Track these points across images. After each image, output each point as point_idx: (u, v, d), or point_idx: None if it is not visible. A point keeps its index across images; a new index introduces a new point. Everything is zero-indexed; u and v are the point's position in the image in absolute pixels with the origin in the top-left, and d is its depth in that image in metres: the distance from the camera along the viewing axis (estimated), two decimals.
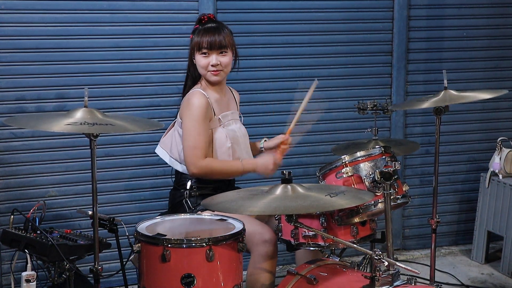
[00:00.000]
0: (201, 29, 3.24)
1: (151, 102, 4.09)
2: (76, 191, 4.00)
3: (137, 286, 2.73)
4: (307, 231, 2.78)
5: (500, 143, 4.38)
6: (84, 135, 2.65)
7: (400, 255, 4.68)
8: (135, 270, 2.75)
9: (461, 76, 4.68)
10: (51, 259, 2.99)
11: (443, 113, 3.30)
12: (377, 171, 2.67)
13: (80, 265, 3.45)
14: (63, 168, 3.97)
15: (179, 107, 3.30)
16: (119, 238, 3.01)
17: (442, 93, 3.31)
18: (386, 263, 2.47)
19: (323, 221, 2.79)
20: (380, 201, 2.77)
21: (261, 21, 4.26)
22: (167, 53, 4.08)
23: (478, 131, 4.81)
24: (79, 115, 2.65)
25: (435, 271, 3.47)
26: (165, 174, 4.05)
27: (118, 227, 2.96)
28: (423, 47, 4.62)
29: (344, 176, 2.84)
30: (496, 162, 4.37)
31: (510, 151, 4.33)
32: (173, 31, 4.07)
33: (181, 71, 3.92)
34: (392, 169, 2.66)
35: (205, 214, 2.97)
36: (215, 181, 3.24)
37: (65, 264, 2.98)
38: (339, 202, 2.52)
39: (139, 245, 2.62)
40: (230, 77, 3.37)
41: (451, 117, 4.63)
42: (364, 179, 2.82)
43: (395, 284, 2.50)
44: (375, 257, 2.45)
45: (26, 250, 3.06)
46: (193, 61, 3.27)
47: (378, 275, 2.47)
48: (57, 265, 3.01)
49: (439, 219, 3.39)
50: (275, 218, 2.96)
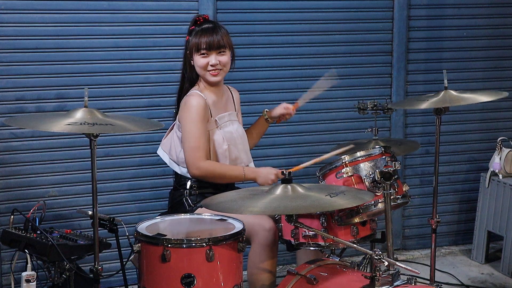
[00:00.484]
0: (198, 30, 3.24)
1: (150, 102, 4.09)
2: (76, 191, 4.00)
3: (137, 286, 2.73)
4: (307, 231, 2.78)
5: (500, 143, 4.38)
6: (84, 135, 2.65)
7: (400, 255, 4.68)
8: (135, 270, 2.75)
9: (461, 76, 4.68)
10: (51, 259, 2.99)
11: (443, 113, 3.30)
12: (377, 171, 2.67)
13: (80, 265, 3.44)
14: (63, 168, 3.97)
15: (175, 108, 3.30)
16: (119, 238, 3.01)
17: (442, 93, 3.31)
18: (386, 263, 2.47)
19: (323, 221, 2.79)
20: (380, 201, 2.77)
21: (261, 21, 4.26)
22: (167, 53, 4.08)
23: (478, 131, 4.81)
24: (79, 115, 2.66)
25: (435, 271, 3.47)
26: (165, 174, 4.06)
27: (118, 227, 2.96)
28: (423, 47, 4.62)
29: (344, 176, 2.84)
30: (496, 162, 4.37)
31: (510, 151, 4.33)
32: (173, 31, 4.07)
33: (181, 72, 3.93)
34: (392, 169, 2.66)
35: (205, 214, 2.97)
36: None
37: (65, 264, 2.98)
38: (339, 202, 2.52)
39: (139, 245, 2.62)
40: (230, 77, 3.37)
41: (451, 117, 4.64)
42: (364, 179, 2.82)
43: (395, 284, 2.50)
44: (375, 257, 2.45)
45: (26, 250, 3.07)
46: (191, 62, 3.27)
47: (378, 275, 2.47)
48: (57, 265, 3.01)
49: (439, 219, 3.39)
50: (275, 218, 2.96)
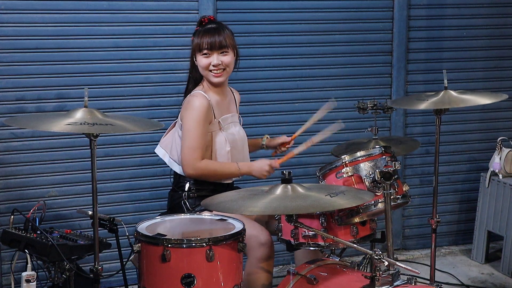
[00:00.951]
0: (201, 30, 3.24)
1: (151, 102, 4.09)
2: (76, 191, 4.00)
3: (137, 286, 2.73)
4: (307, 231, 2.78)
5: (500, 143, 4.38)
6: (84, 135, 2.65)
7: (400, 255, 4.68)
8: (135, 270, 2.75)
9: (461, 76, 4.68)
10: (51, 259, 2.99)
11: (443, 113, 3.29)
12: (377, 171, 2.67)
13: (80, 265, 3.44)
14: (63, 168, 3.97)
15: (179, 108, 3.30)
16: (119, 238, 3.01)
17: (442, 93, 3.30)
18: (386, 263, 2.47)
19: (323, 221, 2.79)
20: (380, 201, 2.77)
21: (261, 21, 4.26)
22: (166, 53, 4.08)
23: (478, 131, 4.81)
24: (79, 115, 2.66)
25: (435, 271, 3.47)
26: (164, 174, 4.05)
27: (118, 227, 2.96)
28: (423, 47, 4.62)
29: (344, 176, 2.84)
30: (496, 162, 4.37)
31: (510, 151, 4.33)
32: (173, 31, 4.07)
33: (181, 71, 3.93)
34: (392, 169, 2.66)
35: (205, 214, 2.97)
36: (214, 183, 3.23)
37: (65, 264, 2.98)
38: (339, 202, 2.52)
39: (139, 245, 2.62)
40: (230, 77, 3.36)
41: (451, 117, 4.63)
42: (364, 179, 2.82)
43: (395, 284, 2.50)
44: (375, 257, 2.45)
45: (26, 250, 3.06)
46: (195, 63, 3.27)
47: (378, 275, 2.47)
48: (57, 265, 3.01)
49: (439, 219, 3.38)
50: (275, 218, 2.96)
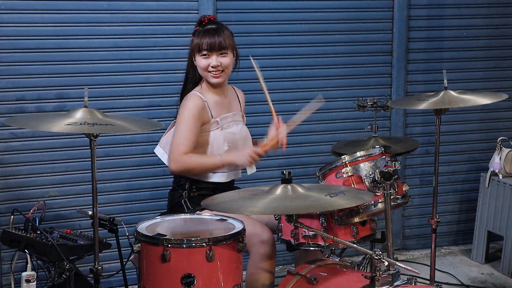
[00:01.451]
0: (201, 31, 3.23)
1: (151, 102, 4.09)
2: (76, 191, 4.00)
3: (137, 286, 2.73)
4: (307, 231, 2.78)
5: (500, 143, 4.38)
6: (84, 135, 2.65)
7: (400, 255, 4.68)
8: (135, 270, 2.75)
9: (461, 76, 4.68)
10: (51, 259, 2.99)
11: (443, 113, 3.29)
12: (377, 171, 2.67)
13: (80, 265, 3.44)
14: (63, 168, 3.97)
15: (178, 108, 3.30)
16: (119, 238, 3.01)
17: (442, 93, 3.30)
18: (386, 263, 2.47)
19: (323, 221, 2.79)
20: (380, 201, 2.77)
21: (261, 21, 4.26)
22: (166, 53, 4.08)
23: (478, 131, 4.81)
24: (79, 115, 2.66)
25: (435, 271, 3.47)
26: (165, 174, 4.06)
27: (118, 227, 2.96)
28: (423, 47, 4.62)
29: (344, 176, 2.84)
30: (496, 162, 4.37)
31: (510, 151, 4.33)
32: (173, 31, 4.07)
33: (181, 71, 3.91)
34: (392, 169, 2.66)
35: (205, 214, 2.97)
36: (214, 182, 3.23)
37: (65, 264, 2.98)
38: (339, 202, 2.52)
39: (139, 245, 2.62)
40: (230, 77, 3.37)
41: (451, 117, 4.63)
42: (364, 179, 2.82)
43: (395, 284, 2.50)
44: (375, 257, 2.45)
45: (26, 250, 3.06)
46: (194, 63, 3.27)
47: (378, 275, 2.47)
48: (57, 265, 3.01)
49: (439, 219, 3.38)
50: (275, 218, 2.96)
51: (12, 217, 3.25)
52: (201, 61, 3.22)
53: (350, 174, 2.83)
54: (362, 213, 2.78)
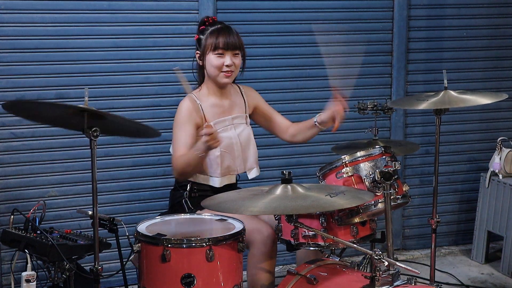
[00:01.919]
0: (214, 29, 3.18)
1: (151, 102, 4.09)
2: (76, 191, 4.00)
3: (137, 286, 2.73)
4: (307, 231, 2.78)
5: (500, 143, 4.38)
6: (84, 135, 2.63)
7: (400, 255, 4.68)
8: (135, 270, 2.75)
9: (461, 76, 4.68)
10: (51, 259, 2.99)
11: (443, 113, 3.30)
12: (377, 171, 2.67)
13: (81, 265, 3.44)
14: (63, 168, 3.97)
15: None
16: (119, 238, 3.01)
17: (442, 93, 3.31)
18: (386, 263, 2.47)
19: (323, 221, 2.79)
20: (380, 201, 2.77)
21: (261, 21, 4.26)
22: (167, 53, 4.08)
23: (478, 131, 4.81)
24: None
25: (435, 271, 3.47)
26: (165, 174, 4.06)
27: (118, 227, 2.96)
28: (423, 47, 4.62)
29: (344, 176, 2.84)
30: (496, 162, 4.37)
31: (510, 151, 4.33)
32: (173, 31, 4.07)
33: (181, 71, 3.92)
34: (392, 169, 2.66)
35: (205, 214, 2.97)
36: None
37: (65, 264, 2.98)
38: (339, 202, 2.52)
39: (139, 245, 2.62)
40: None
41: (451, 117, 4.64)
42: (364, 179, 2.82)
43: (395, 284, 2.50)
44: (375, 257, 2.45)
45: (26, 250, 3.06)
46: (199, 62, 3.24)
47: (378, 275, 2.47)
48: (57, 265, 3.01)
49: (439, 219, 3.39)
50: (275, 218, 2.95)
51: (12, 217, 3.25)
52: (215, 60, 3.16)
53: (350, 174, 2.83)
54: (362, 213, 2.78)
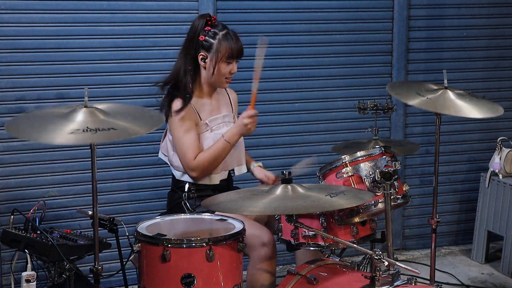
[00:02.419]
0: (225, 36, 3.21)
1: (151, 102, 4.08)
2: (76, 191, 4.00)
3: (137, 286, 2.73)
4: (307, 231, 2.78)
5: (500, 143, 4.38)
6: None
7: (400, 255, 4.68)
8: (135, 270, 2.75)
9: (461, 76, 4.68)
10: (51, 259, 2.99)
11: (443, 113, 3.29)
12: (377, 171, 2.67)
13: (80, 265, 3.44)
14: (63, 168, 3.97)
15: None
16: (119, 238, 3.01)
17: (440, 92, 3.28)
18: (386, 263, 2.47)
19: (323, 221, 2.79)
20: (380, 201, 2.77)
21: (261, 21, 4.26)
22: (167, 53, 4.07)
23: (478, 131, 4.81)
24: (80, 117, 2.53)
25: (435, 271, 3.47)
26: (165, 174, 4.06)
27: (118, 227, 2.96)
28: (423, 47, 4.62)
29: (344, 176, 2.84)
30: (496, 162, 4.37)
31: (510, 151, 4.33)
32: (173, 31, 4.07)
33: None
34: (392, 169, 2.67)
35: (205, 214, 2.97)
36: (209, 184, 3.23)
37: (65, 264, 2.98)
38: (339, 202, 2.52)
39: (139, 245, 2.62)
40: None
41: (451, 117, 4.58)
42: (364, 179, 2.82)
43: (395, 284, 2.50)
44: (375, 257, 2.45)
45: (26, 250, 3.07)
46: (199, 62, 3.24)
47: (378, 275, 2.47)
48: (57, 265, 3.01)
49: (439, 219, 3.38)
50: (275, 218, 2.96)
51: (12, 217, 3.25)
52: (224, 68, 3.21)
53: (350, 174, 2.83)
54: (362, 213, 2.78)
